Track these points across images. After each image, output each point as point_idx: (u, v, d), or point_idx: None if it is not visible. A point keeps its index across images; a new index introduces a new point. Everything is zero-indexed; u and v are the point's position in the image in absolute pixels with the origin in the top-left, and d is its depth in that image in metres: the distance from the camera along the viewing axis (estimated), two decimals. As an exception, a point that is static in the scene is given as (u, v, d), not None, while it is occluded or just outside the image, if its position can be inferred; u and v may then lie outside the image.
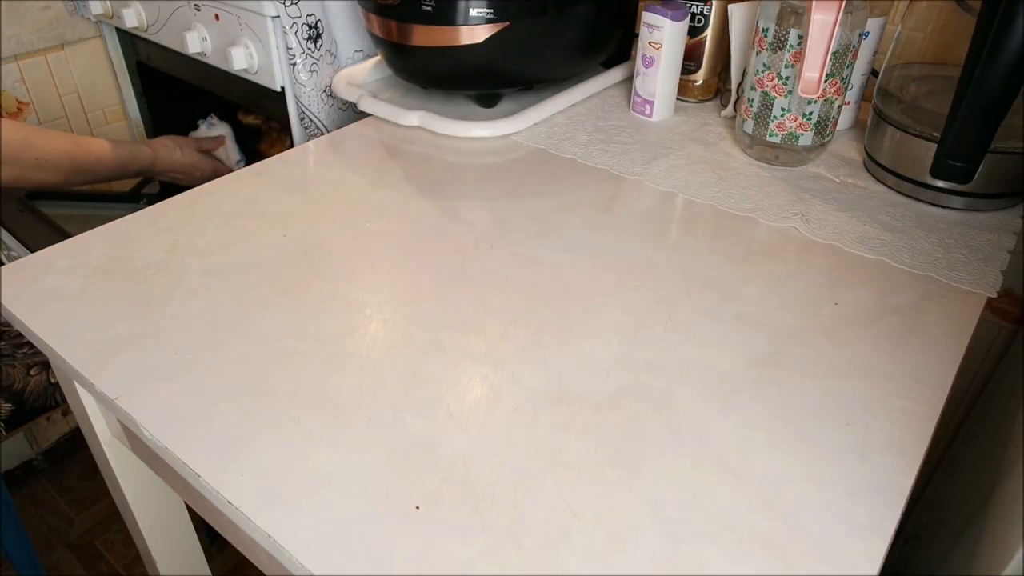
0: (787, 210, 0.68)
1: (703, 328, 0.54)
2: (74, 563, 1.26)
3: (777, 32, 0.68)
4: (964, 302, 0.57)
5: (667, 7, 0.78)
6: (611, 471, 0.43)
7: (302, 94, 0.93)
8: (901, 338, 0.53)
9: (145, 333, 0.53)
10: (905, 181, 0.70)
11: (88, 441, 0.69)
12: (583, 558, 0.38)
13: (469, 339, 0.53)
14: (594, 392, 0.48)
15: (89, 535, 1.31)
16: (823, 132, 0.72)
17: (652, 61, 0.81)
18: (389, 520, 0.40)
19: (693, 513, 0.41)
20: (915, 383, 0.49)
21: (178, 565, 0.80)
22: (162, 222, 0.66)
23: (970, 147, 0.58)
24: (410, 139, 0.82)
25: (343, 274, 0.59)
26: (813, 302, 0.57)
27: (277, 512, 0.40)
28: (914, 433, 0.46)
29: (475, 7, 0.74)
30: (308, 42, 0.90)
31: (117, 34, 1.28)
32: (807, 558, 0.38)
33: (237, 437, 0.45)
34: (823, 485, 0.42)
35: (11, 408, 0.98)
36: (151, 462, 0.61)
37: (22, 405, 0.99)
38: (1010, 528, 0.50)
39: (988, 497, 0.62)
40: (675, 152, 0.79)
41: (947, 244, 0.63)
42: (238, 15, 0.92)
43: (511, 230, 0.65)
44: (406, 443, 0.45)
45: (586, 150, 0.79)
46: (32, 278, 0.59)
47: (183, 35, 1.00)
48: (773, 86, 0.70)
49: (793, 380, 0.50)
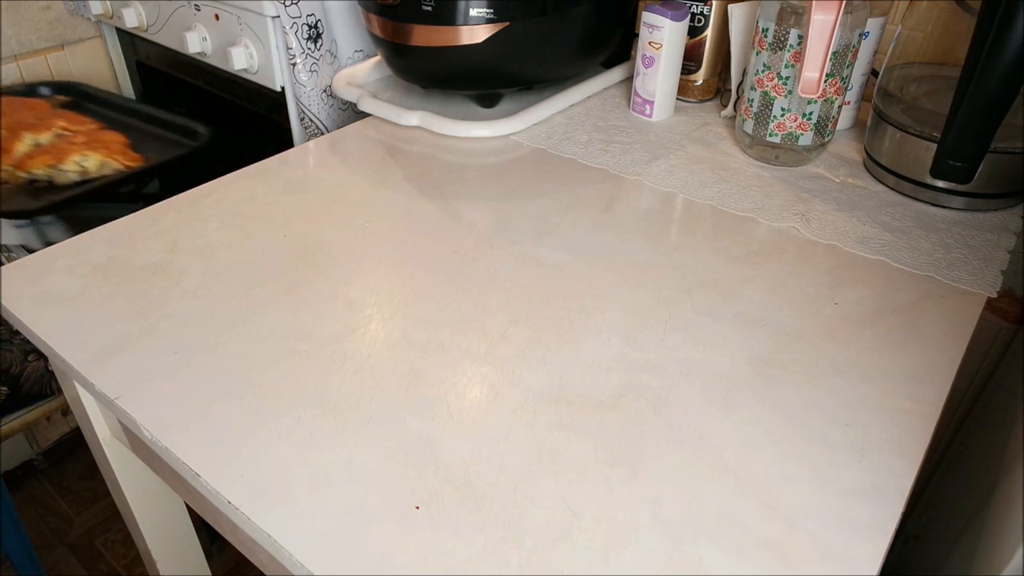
0: (787, 210, 0.68)
1: (703, 328, 0.54)
2: (74, 563, 1.26)
3: (777, 32, 0.68)
4: (964, 302, 0.57)
5: (667, 7, 0.78)
6: (611, 471, 0.43)
7: (302, 94, 0.93)
8: (901, 338, 0.53)
9: (145, 333, 0.53)
10: (905, 181, 0.70)
11: (88, 441, 0.69)
12: (583, 558, 0.38)
13: (469, 339, 0.53)
14: (594, 392, 0.48)
15: (89, 535, 1.31)
16: (823, 132, 0.72)
17: (652, 61, 0.81)
18: (389, 520, 0.40)
19: (693, 513, 0.41)
20: (915, 383, 0.49)
21: (178, 565, 0.80)
22: (162, 222, 0.66)
23: (970, 147, 0.58)
24: (410, 139, 0.82)
25: (343, 274, 0.59)
26: (813, 302, 0.57)
27: (277, 512, 0.40)
28: (914, 433, 0.46)
29: (475, 7, 0.74)
30: (308, 42, 0.90)
31: (117, 34, 1.28)
32: (807, 558, 0.38)
33: (237, 437, 0.45)
34: (823, 485, 0.42)
35: (7, 392, 0.98)
36: (151, 462, 0.61)
37: (18, 390, 0.99)
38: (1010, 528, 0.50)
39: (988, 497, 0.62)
40: (675, 152, 0.79)
41: (947, 244, 0.63)
42: (238, 15, 0.93)
43: (511, 230, 0.65)
44: (406, 443, 0.45)
45: (586, 150, 0.79)
46: (32, 278, 0.59)
47: (183, 35, 1.00)
48: (773, 86, 0.70)
49: (793, 380, 0.50)
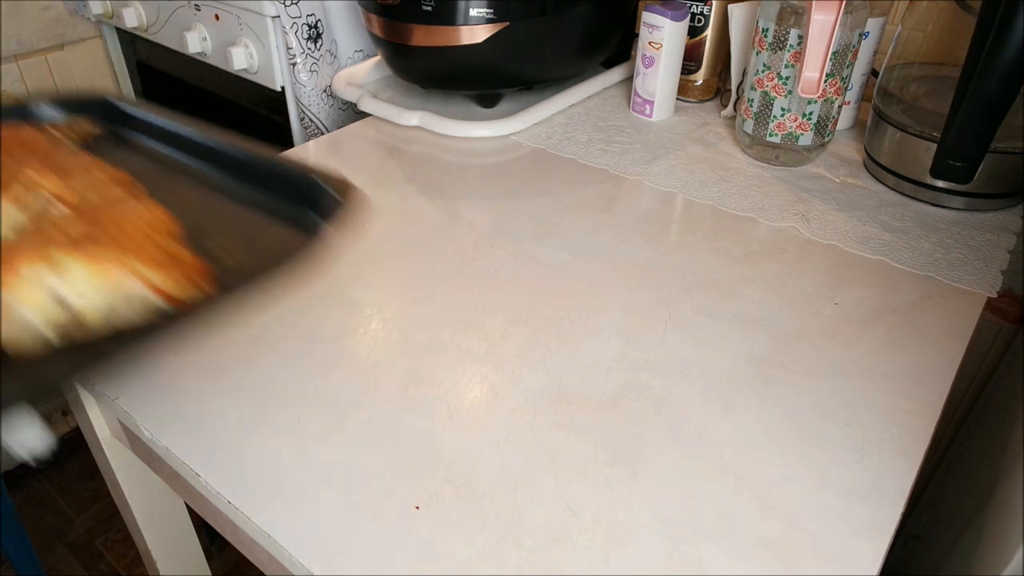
0: (787, 210, 0.68)
1: (703, 328, 0.54)
2: (74, 563, 1.26)
3: (777, 32, 0.68)
4: (964, 302, 0.57)
5: (667, 7, 0.78)
6: (611, 471, 0.43)
7: (302, 94, 0.93)
8: (901, 338, 0.53)
9: (145, 333, 0.53)
10: (905, 181, 0.70)
11: (88, 441, 0.69)
12: (583, 558, 0.38)
13: (469, 339, 0.53)
14: (595, 392, 0.48)
15: (89, 535, 1.31)
16: (823, 132, 0.72)
17: (652, 61, 0.81)
18: (389, 520, 0.40)
19: (693, 513, 0.41)
20: (915, 383, 0.49)
21: (178, 565, 0.80)
22: (162, 222, 0.66)
23: (970, 147, 0.58)
24: (410, 139, 0.82)
25: (343, 274, 0.59)
26: (813, 302, 0.57)
27: (277, 512, 0.40)
28: (914, 433, 0.46)
29: (475, 7, 0.74)
30: (308, 42, 0.90)
31: (117, 34, 1.28)
32: (807, 558, 0.38)
33: (237, 437, 0.45)
34: (823, 485, 0.42)
35: None
36: (151, 462, 0.61)
37: None
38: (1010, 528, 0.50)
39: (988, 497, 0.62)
40: (675, 152, 0.79)
41: (947, 244, 0.63)
42: (238, 15, 0.93)
43: (511, 230, 0.65)
44: (406, 443, 0.45)
45: (586, 150, 0.79)
46: (32, 278, 0.59)
47: (183, 35, 1.00)
48: (773, 86, 0.70)
49: (793, 380, 0.50)
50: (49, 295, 0.37)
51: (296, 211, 0.51)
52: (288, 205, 0.52)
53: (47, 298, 0.37)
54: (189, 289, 0.41)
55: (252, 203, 0.53)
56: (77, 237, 0.39)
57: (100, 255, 0.39)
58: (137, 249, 0.41)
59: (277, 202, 0.52)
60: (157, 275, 0.40)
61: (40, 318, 0.37)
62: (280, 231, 0.51)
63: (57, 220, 0.42)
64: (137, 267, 0.40)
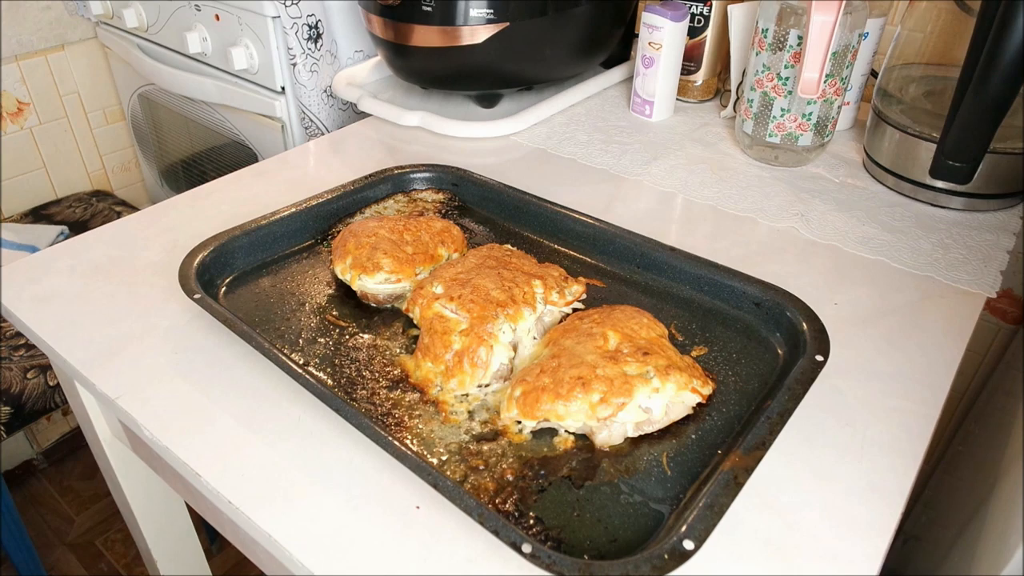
0: (787, 210, 0.68)
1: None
2: (74, 563, 1.26)
3: (777, 32, 0.68)
4: (963, 302, 0.57)
5: (667, 7, 0.78)
6: (611, 471, 0.43)
7: (302, 94, 0.93)
8: (901, 338, 0.53)
9: (145, 333, 0.53)
10: (905, 181, 0.70)
11: (88, 441, 0.69)
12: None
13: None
14: (594, 392, 0.48)
15: (89, 535, 1.31)
16: (823, 132, 0.72)
17: (652, 61, 0.81)
18: (389, 520, 0.40)
19: (693, 513, 0.41)
20: (915, 383, 0.49)
21: (178, 565, 0.80)
22: (162, 222, 0.66)
23: (970, 147, 0.58)
24: (410, 139, 0.82)
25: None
26: (813, 302, 0.56)
27: (277, 511, 0.40)
28: (913, 433, 0.46)
29: (475, 7, 0.74)
30: (308, 42, 0.91)
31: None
32: (807, 558, 0.38)
33: (237, 437, 0.45)
34: (823, 485, 0.42)
35: (10, 411, 0.98)
36: (151, 462, 0.61)
37: (21, 408, 0.99)
38: (1010, 528, 0.50)
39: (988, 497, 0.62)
40: (675, 152, 0.79)
41: (946, 244, 0.63)
42: (238, 15, 0.93)
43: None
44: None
45: (586, 150, 0.79)
46: (32, 278, 0.59)
47: (183, 35, 1.00)
48: (773, 86, 0.70)
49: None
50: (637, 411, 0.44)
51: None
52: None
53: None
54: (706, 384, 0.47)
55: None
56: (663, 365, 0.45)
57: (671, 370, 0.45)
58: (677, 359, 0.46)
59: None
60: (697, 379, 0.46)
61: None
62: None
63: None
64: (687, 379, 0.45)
